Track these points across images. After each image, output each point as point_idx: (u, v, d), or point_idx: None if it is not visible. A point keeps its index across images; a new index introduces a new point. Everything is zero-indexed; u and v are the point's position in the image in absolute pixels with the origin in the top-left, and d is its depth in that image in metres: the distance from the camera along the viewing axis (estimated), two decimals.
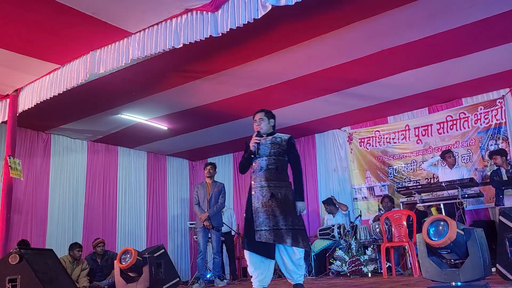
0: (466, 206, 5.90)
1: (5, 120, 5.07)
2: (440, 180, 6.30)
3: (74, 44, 4.22)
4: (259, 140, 3.62)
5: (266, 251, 3.48)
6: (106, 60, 4.20)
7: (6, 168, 4.78)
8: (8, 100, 5.05)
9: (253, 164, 3.66)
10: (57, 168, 7.44)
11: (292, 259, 3.52)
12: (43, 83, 4.74)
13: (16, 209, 6.32)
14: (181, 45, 3.75)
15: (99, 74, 4.51)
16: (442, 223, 3.10)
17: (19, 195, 6.64)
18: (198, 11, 3.65)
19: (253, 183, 3.63)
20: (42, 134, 7.31)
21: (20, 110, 5.00)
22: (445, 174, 6.34)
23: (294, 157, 3.73)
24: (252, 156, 3.62)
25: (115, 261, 5.42)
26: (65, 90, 4.54)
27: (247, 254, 3.55)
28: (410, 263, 5.64)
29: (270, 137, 3.72)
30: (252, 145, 3.61)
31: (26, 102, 4.91)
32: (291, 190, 3.63)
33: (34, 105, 4.84)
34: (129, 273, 5.36)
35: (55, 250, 4.69)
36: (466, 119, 6.90)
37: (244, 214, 3.81)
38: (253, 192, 3.61)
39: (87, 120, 6.92)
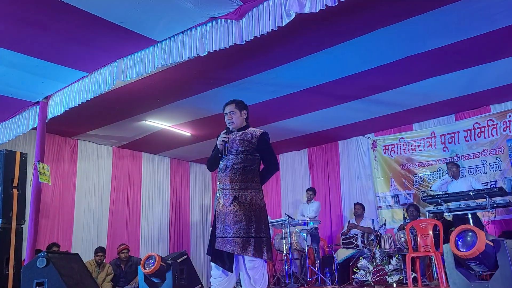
0: (495, 216, 5.73)
1: (35, 126, 5.19)
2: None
3: (102, 52, 4.32)
4: (227, 138, 3.22)
5: (224, 261, 3.06)
6: (133, 68, 4.27)
7: (35, 173, 4.88)
8: (38, 107, 5.17)
9: (220, 163, 3.26)
10: (83, 174, 7.60)
11: (252, 272, 3.03)
12: (71, 91, 4.84)
13: (43, 214, 6.46)
14: (206, 53, 3.78)
15: (125, 81, 4.60)
16: (470, 233, 3.03)
17: (47, 199, 6.79)
18: (223, 20, 3.68)
19: (218, 184, 3.24)
20: (69, 140, 7.49)
21: (49, 116, 5.09)
22: (452, 187, 6.20)
23: (268, 155, 3.26)
24: (220, 155, 3.24)
25: (139, 266, 5.49)
26: (92, 97, 4.63)
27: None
28: (437, 274, 5.51)
29: (240, 132, 3.27)
30: (219, 144, 3.23)
31: (55, 109, 5.01)
32: (260, 193, 3.18)
33: (63, 112, 4.95)
34: (153, 279, 5.42)
35: (80, 255, 4.78)
36: (495, 126, 6.73)
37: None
38: (217, 194, 3.22)
39: (113, 126, 7.06)
